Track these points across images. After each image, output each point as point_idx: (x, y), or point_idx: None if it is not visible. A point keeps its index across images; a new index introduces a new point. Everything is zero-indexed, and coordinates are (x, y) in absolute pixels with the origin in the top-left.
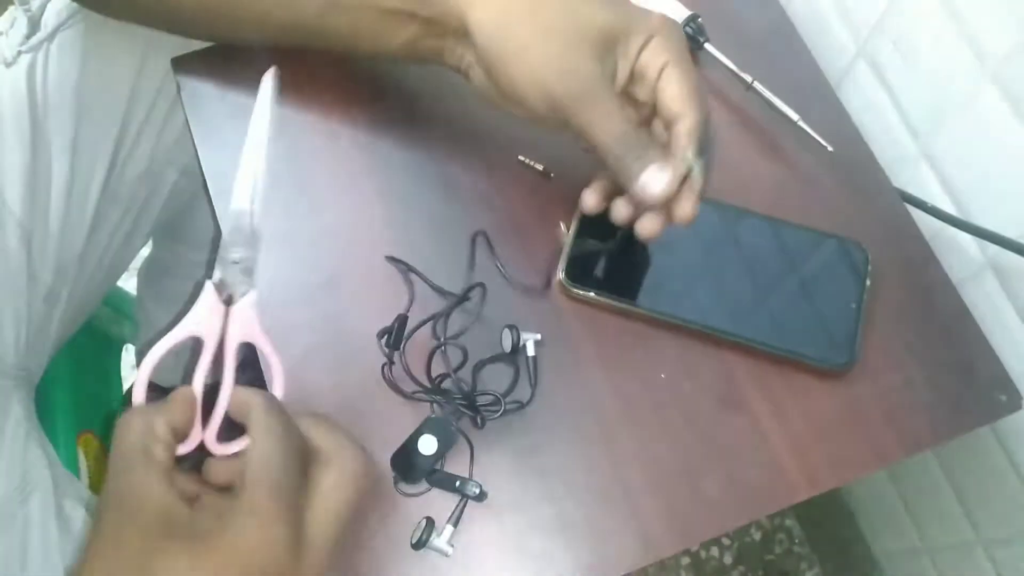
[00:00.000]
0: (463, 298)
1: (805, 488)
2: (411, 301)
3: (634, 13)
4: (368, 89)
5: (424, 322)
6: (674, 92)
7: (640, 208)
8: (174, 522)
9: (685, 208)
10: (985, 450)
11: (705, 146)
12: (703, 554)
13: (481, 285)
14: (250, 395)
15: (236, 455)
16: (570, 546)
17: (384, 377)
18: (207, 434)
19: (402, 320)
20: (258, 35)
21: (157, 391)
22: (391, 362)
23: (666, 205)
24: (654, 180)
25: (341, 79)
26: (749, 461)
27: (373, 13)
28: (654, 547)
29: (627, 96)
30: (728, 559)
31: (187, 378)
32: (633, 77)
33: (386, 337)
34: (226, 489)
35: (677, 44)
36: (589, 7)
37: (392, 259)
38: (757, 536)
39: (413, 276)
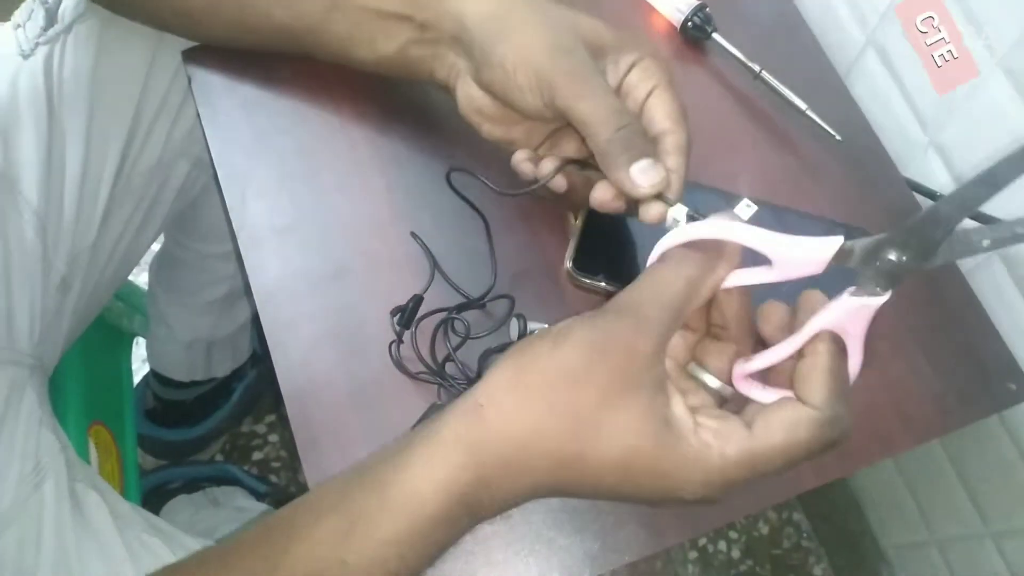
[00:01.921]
0: (481, 303)
1: (812, 477)
2: (430, 281)
3: (625, 34)
4: (378, 83)
5: (438, 311)
6: (666, 111)
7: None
8: (650, 373)
9: (653, 213)
10: (993, 440)
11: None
12: (711, 548)
13: (509, 298)
14: (823, 396)
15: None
16: (577, 534)
17: (391, 355)
18: (744, 366)
19: (417, 300)
20: (256, 37)
21: (164, 384)
22: (400, 340)
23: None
24: (645, 174)
25: (351, 73)
26: None
27: (371, 16)
28: (661, 535)
29: None
30: (736, 553)
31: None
32: (620, 93)
33: (399, 315)
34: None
35: (666, 69)
36: (583, 15)
37: (415, 236)
38: (765, 530)
39: (427, 262)
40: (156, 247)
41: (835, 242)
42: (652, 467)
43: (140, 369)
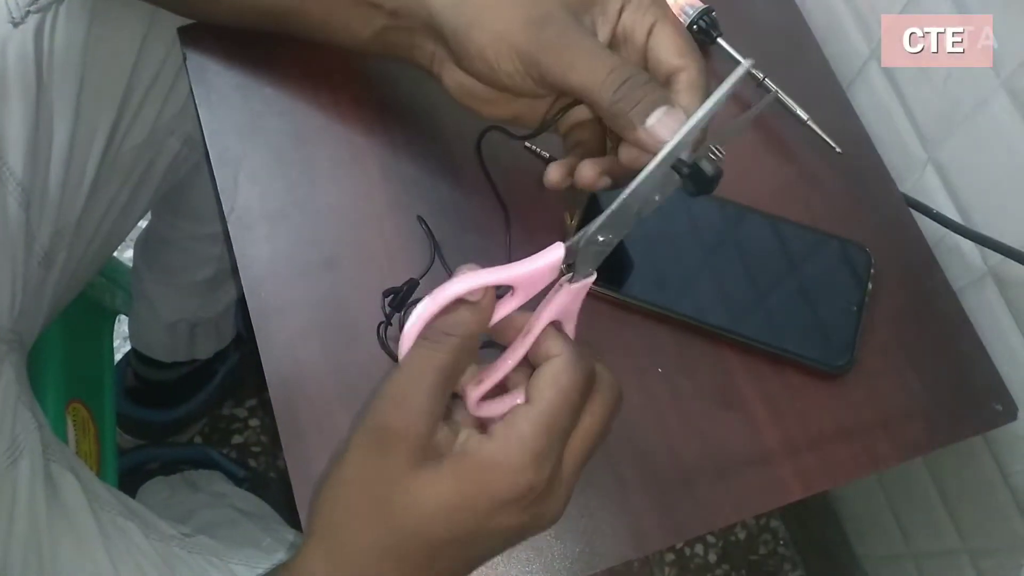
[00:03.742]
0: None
1: (798, 489)
2: (430, 266)
3: None
4: (376, 70)
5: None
6: (670, 47)
7: (615, 169)
8: (430, 446)
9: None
10: (976, 459)
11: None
12: (688, 551)
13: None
14: (561, 344)
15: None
16: (560, 535)
17: (378, 335)
18: (477, 390)
19: (412, 284)
20: (237, 17)
21: (146, 364)
22: (388, 323)
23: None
24: (663, 124)
25: (349, 59)
26: (742, 460)
27: (343, 2)
28: (644, 541)
29: None
30: (713, 557)
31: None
32: (617, 41)
33: (391, 297)
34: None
35: (660, 2)
36: None
37: (421, 220)
38: (742, 536)
39: (421, 254)
40: (143, 224)
41: (557, 250)
42: (467, 490)
43: (122, 347)
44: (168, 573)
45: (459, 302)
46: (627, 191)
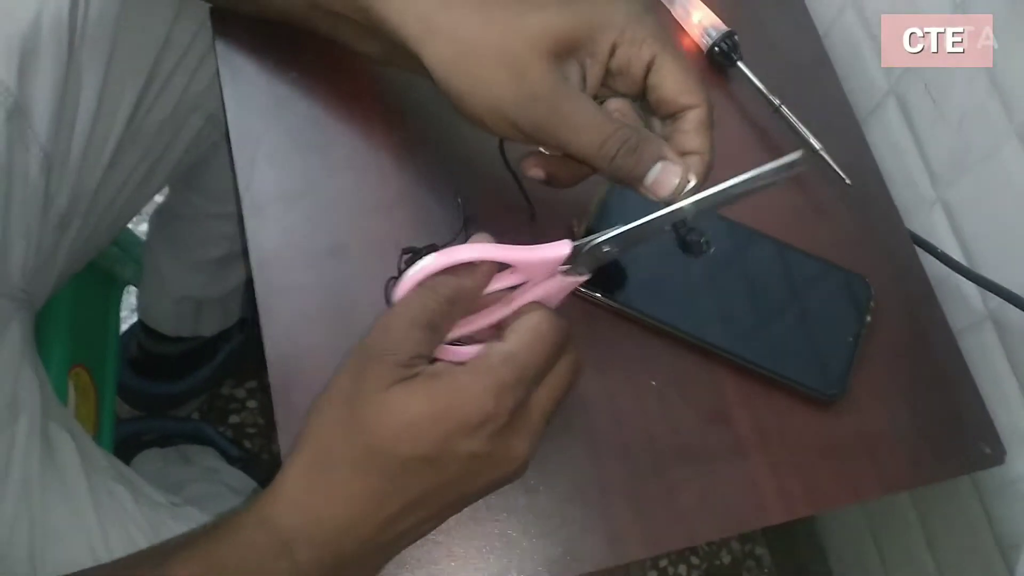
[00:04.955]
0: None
1: (779, 512)
2: (454, 238)
3: (594, 9)
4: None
5: None
6: (675, 85)
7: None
8: (407, 374)
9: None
10: (962, 500)
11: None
12: (671, 571)
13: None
14: (542, 306)
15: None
16: (539, 537)
17: (385, 290)
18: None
19: (432, 248)
20: (260, 9)
21: (151, 337)
22: (399, 279)
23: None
24: (665, 179)
25: None
26: (727, 478)
27: (345, 21)
28: (622, 549)
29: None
30: None
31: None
32: (611, 76)
33: (409, 256)
34: None
35: (658, 32)
36: (539, 14)
37: (459, 202)
38: (727, 560)
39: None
40: (159, 199)
41: (565, 246)
42: (434, 409)
43: (128, 318)
44: (155, 539)
45: (462, 266)
46: (637, 223)
